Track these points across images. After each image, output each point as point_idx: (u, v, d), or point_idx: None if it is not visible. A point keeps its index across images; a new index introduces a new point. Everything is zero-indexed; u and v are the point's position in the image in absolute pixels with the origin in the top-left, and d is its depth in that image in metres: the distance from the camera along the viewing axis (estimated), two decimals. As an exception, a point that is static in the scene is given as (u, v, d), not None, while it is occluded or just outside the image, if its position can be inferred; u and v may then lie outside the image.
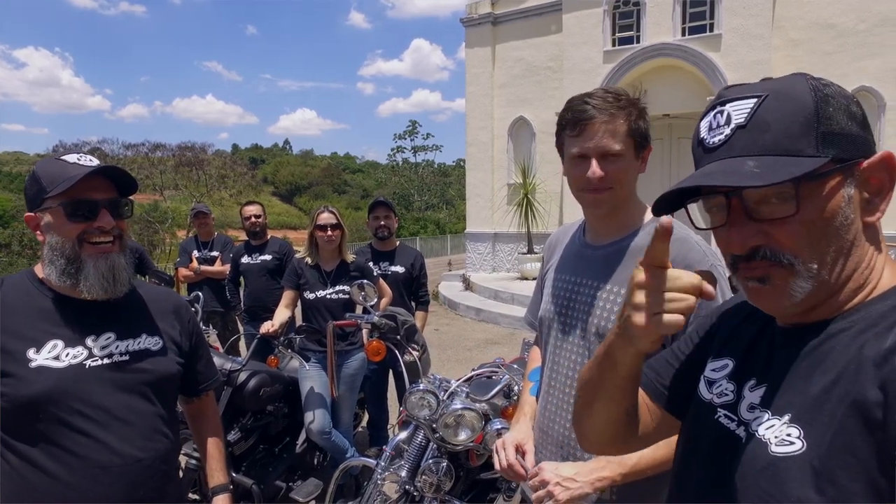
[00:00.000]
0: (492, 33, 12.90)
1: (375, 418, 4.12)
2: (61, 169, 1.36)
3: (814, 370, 0.68)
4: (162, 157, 31.45)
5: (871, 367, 0.62)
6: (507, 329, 8.90)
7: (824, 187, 0.69)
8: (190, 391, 1.67)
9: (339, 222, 3.54)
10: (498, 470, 1.58)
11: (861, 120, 0.72)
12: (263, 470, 3.33)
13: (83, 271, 1.37)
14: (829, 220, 0.70)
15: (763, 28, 9.56)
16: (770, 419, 0.70)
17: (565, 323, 1.53)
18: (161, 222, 27.90)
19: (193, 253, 5.27)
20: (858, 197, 0.71)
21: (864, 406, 0.59)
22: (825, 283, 0.71)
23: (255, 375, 3.21)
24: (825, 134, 0.69)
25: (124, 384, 1.40)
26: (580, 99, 1.42)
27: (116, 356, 1.40)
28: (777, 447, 0.66)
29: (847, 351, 0.66)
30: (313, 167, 70.51)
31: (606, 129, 1.37)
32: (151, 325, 1.51)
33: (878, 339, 0.64)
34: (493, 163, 13.14)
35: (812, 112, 0.70)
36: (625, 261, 1.45)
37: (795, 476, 0.62)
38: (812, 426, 0.64)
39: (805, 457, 0.63)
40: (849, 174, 0.70)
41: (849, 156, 0.70)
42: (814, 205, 0.70)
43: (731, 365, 0.84)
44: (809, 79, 0.72)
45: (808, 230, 0.70)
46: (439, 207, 45.61)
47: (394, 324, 2.88)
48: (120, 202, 1.43)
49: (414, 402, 2.32)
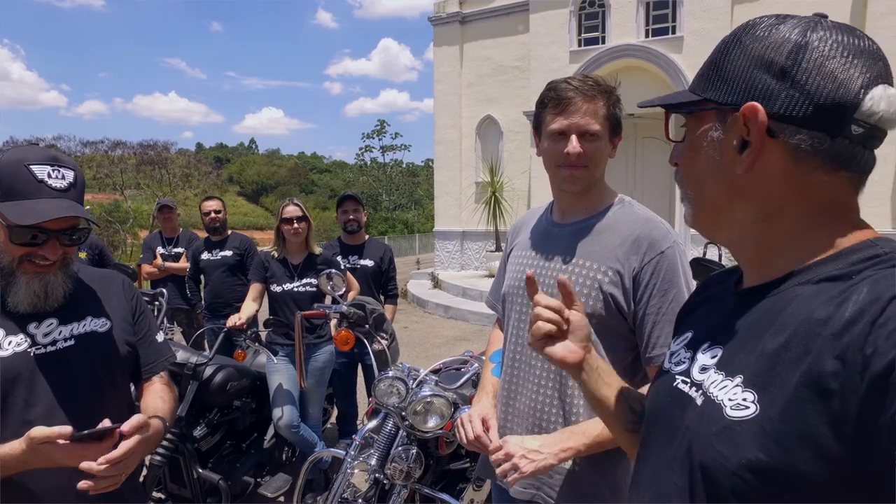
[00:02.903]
0: (460, 32, 12.95)
1: (345, 413, 4.10)
2: (25, 186, 1.24)
3: (765, 330, 0.69)
4: (123, 156, 30.62)
5: (828, 335, 0.61)
6: (475, 326, 8.94)
7: (695, 124, 0.79)
8: (140, 374, 1.55)
9: (304, 214, 3.52)
10: (462, 443, 1.58)
11: (777, 69, 0.69)
12: (231, 466, 3.29)
13: (14, 286, 1.30)
14: (694, 153, 0.79)
15: (723, 31, 9.80)
16: (723, 380, 0.71)
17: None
18: (122, 222, 27.20)
19: (157, 249, 5.16)
20: (730, 144, 0.73)
21: (820, 375, 0.60)
22: (702, 214, 0.80)
23: (222, 370, 3.17)
24: (718, 77, 0.75)
25: (72, 371, 1.34)
26: (562, 81, 1.47)
27: (61, 342, 1.35)
28: (732, 411, 0.67)
29: (798, 312, 0.66)
30: (280, 167, 69.64)
31: (588, 109, 1.43)
32: (96, 306, 1.45)
33: (831, 303, 0.63)
34: (461, 161, 13.19)
35: (717, 56, 0.76)
36: (591, 236, 1.49)
37: (749, 439, 0.64)
38: (766, 390, 0.65)
39: (757, 420, 0.64)
40: (721, 118, 0.74)
41: (729, 100, 0.73)
42: (687, 137, 0.81)
43: (690, 335, 0.86)
44: (747, 22, 0.75)
45: (685, 159, 0.81)
46: (408, 207, 45.51)
47: (362, 313, 2.88)
48: (74, 230, 1.33)
49: (383, 390, 2.32)
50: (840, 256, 0.69)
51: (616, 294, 1.42)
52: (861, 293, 0.62)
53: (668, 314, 1.40)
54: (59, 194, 1.28)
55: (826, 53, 0.67)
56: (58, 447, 1.14)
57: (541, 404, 1.51)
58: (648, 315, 1.41)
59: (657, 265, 1.41)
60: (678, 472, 0.74)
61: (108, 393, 1.42)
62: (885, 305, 0.58)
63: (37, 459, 1.17)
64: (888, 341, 0.56)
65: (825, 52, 0.67)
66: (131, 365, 1.51)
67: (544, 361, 1.50)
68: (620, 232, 1.46)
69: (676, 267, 1.43)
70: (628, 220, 1.48)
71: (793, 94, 0.68)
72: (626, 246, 1.44)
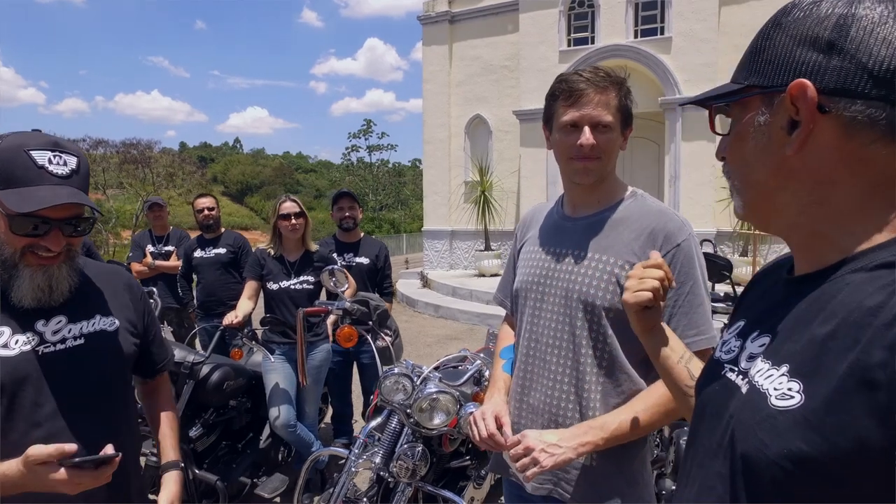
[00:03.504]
0: (449, 31, 12.95)
1: (339, 412, 4.07)
2: (25, 173, 1.19)
3: (813, 318, 0.67)
4: (105, 154, 30.10)
5: (879, 325, 0.59)
6: (466, 325, 8.94)
7: (742, 112, 0.77)
8: (146, 372, 1.57)
9: (301, 211, 3.49)
10: (475, 441, 1.55)
11: (824, 44, 0.67)
12: (227, 466, 3.25)
13: (17, 279, 1.25)
14: (741, 142, 0.77)
15: (710, 33, 9.92)
16: (770, 369, 0.70)
17: (545, 291, 1.53)
18: (104, 222, 26.79)
19: (147, 247, 5.08)
20: (778, 126, 0.72)
21: (867, 366, 0.58)
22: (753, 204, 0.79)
23: (219, 369, 3.12)
24: (761, 61, 0.74)
25: (81, 370, 1.31)
26: (573, 72, 1.46)
27: (70, 340, 1.31)
28: (777, 400, 0.66)
29: (848, 300, 0.64)
30: (265, 166, 69.06)
31: (600, 101, 1.42)
32: (104, 304, 1.41)
33: (882, 291, 0.61)
34: (450, 161, 13.18)
35: (758, 42, 0.75)
36: (605, 230, 1.48)
37: (791, 429, 0.63)
38: (811, 380, 0.63)
39: (801, 410, 0.63)
40: (767, 102, 0.73)
41: (773, 83, 0.71)
42: (734, 128, 0.79)
43: (742, 324, 0.85)
44: (789, 6, 0.73)
45: (732, 150, 0.79)
46: (394, 207, 45.44)
47: (366, 309, 2.85)
48: (78, 220, 1.28)
49: (389, 387, 2.30)
50: (892, 244, 0.66)
51: None
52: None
53: (685, 306, 1.40)
54: (61, 181, 1.22)
55: (876, 20, 0.65)
56: (55, 472, 1.10)
57: (556, 399, 1.49)
58: (665, 308, 1.40)
59: (674, 258, 1.41)
60: (721, 461, 0.73)
61: (116, 393, 1.39)
62: None
63: (33, 482, 1.12)
64: None
65: (875, 18, 0.66)
66: (133, 363, 1.47)
67: (559, 356, 1.49)
68: (635, 225, 1.45)
69: (693, 259, 1.42)
70: (642, 213, 1.48)
71: (844, 66, 0.66)
72: (642, 239, 1.43)
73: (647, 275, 1.10)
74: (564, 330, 1.48)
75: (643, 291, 1.09)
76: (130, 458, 1.41)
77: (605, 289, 1.43)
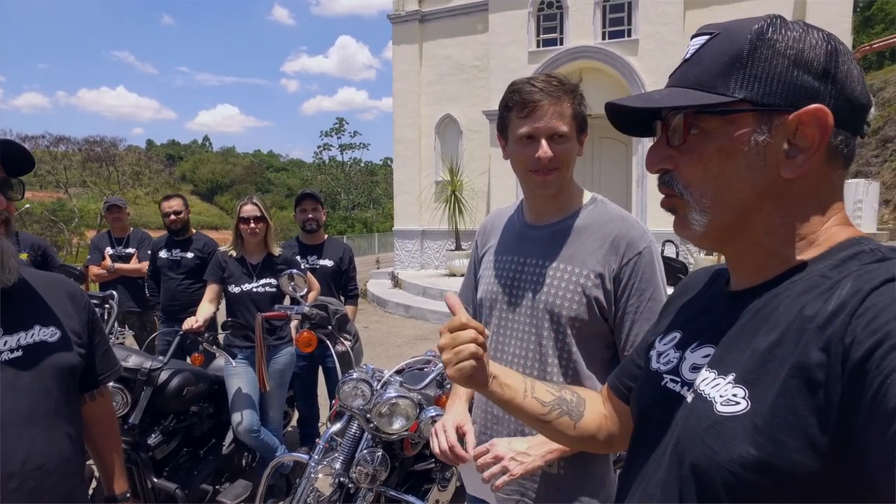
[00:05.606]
0: (419, 31, 12.92)
1: (306, 416, 4.02)
2: None
3: (758, 330, 0.70)
4: (66, 152, 29.23)
5: (814, 329, 0.62)
6: (436, 325, 8.93)
7: (728, 126, 0.71)
8: (88, 384, 1.49)
9: (263, 214, 3.43)
10: (436, 453, 1.54)
11: (820, 70, 0.68)
12: (188, 474, 3.18)
13: None
14: (726, 159, 0.71)
15: (675, 35, 10.09)
16: (715, 378, 0.71)
17: (511, 302, 1.53)
18: (67, 222, 26.07)
19: (107, 250, 4.94)
20: (777, 147, 0.70)
21: (807, 367, 0.61)
22: (724, 223, 0.74)
23: (178, 374, 3.06)
24: (750, 76, 0.69)
25: (20, 384, 1.25)
26: (525, 82, 1.43)
27: (6, 353, 1.25)
28: (723, 406, 0.68)
29: (789, 311, 0.67)
30: (235, 165, 67.88)
31: (555, 111, 1.40)
32: (45, 313, 1.35)
33: (819, 299, 0.64)
34: (420, 160, 13.17)
35: (742, 53, 0.70)
36: (570, 238, 1.48)
37: (739, 434, 0.64)
38: (756, 386, 0.65)
39: (748, 415, 0.64)
40: (765, 120, 0.69)
41: (771, 101, 0.69)
42: (715, 141, 0.72)
43: (678, 336, 0.86)
44: (765, 21, 0.71)
45: (704, 164, 0.73)
46: (366, 206, 45.21)
47: (325, 314, 2.82)
48: (8, 182, 1.25)
49: (347, 392, 2.28)
50: (830, 254, 0.70)
51: (599, 297, 1.43)
52: (845, 287, 0.63)
53: (646, 312, 1.41)
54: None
55: (850, 58, 0.70)
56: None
57: None
58: (627, 314, 1.43)
59: (636, 265, 1.42)
60: (666, 469, 0.75)
61: (59, 407, 1.33)
62: (864, 297, 0.60)
63: None
64: (866, 330, 0.57)
65: (849, 56, 0.70)
66: (78, 375, 1.42)
67: (526, 367, 1.49)
68: (598, 232, 1.46)
69: (654, 265, 1.44)
70: (604, 220, 1.48)
71: (835, 95, 0.68)
72: (606, 247, 1.44)
73: (459, 341, 0.94)
74: (531, 340, 1.49)
75: (463, 363, 0.94)
76: (75, 471, 1.35)
77: (570, 299, 1.44)
